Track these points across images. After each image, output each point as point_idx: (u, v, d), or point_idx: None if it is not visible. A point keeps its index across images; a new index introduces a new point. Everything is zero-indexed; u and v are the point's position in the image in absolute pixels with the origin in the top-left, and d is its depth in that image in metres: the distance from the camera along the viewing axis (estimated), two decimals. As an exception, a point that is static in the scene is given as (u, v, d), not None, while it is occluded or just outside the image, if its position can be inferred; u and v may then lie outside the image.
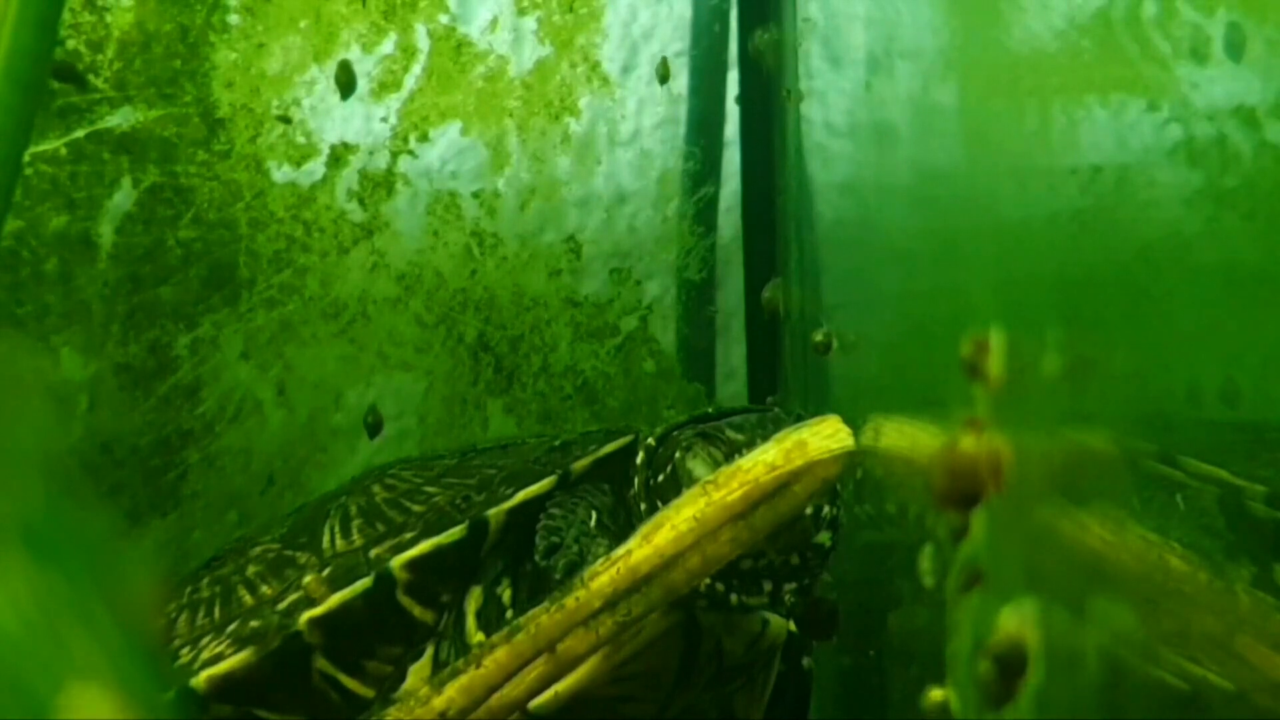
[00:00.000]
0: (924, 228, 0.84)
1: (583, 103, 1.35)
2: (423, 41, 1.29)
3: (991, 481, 0.54)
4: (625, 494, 0.93)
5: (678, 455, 0.86)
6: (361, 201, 1.28)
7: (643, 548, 0.77)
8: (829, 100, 1.20)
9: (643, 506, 0.90)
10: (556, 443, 1.00)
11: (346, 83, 1.24)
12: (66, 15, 1.17)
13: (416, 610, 0.91)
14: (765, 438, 0.78)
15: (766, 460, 0.76)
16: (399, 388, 1.32)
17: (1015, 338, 0.56)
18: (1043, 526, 0.56)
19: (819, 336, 1.15)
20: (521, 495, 0.91)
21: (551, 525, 0.88)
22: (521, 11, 1.33)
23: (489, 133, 1.32)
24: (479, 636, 0.89)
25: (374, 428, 1.28)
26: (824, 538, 0.85)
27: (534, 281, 1.36)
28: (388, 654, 0.92)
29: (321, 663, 0.90)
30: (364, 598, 0.89)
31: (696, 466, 0.85)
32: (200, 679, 0.89)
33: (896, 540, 0.91)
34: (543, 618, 0.78)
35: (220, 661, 0.89)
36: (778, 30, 1.33)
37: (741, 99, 1.40)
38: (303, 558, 0.96)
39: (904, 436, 0.72)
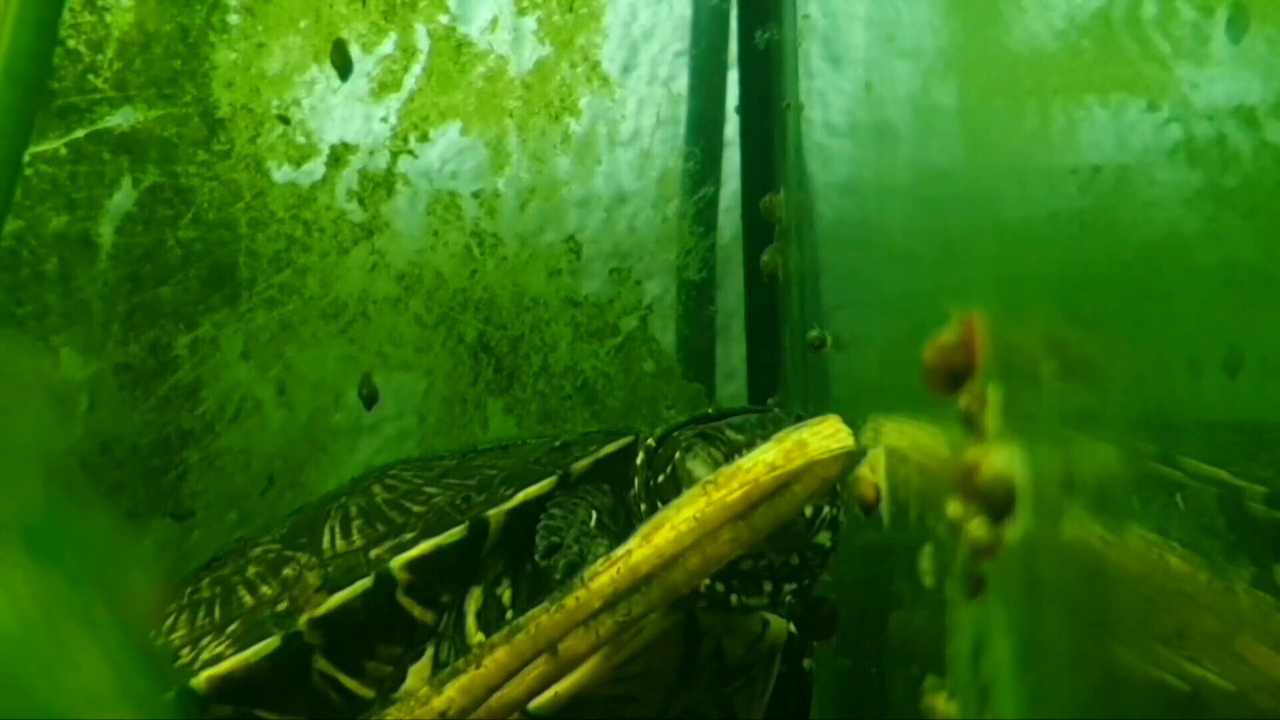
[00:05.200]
0: (924, 228, 0.84)
1: (583, 103, 1.35)
2: (423, 41, 1.29)
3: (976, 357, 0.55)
4: (625, 494, 0.93)
5: (678, 456, 0.86)
6: (361, 201, 1.28)
7: (643, 548, 0.77)
8: (829, 100, 1.20)
9: (643, 507, 0.90)
10: (557, 443, 1.00)
11: (343, 64, 1.24)
12: (66, 15, 1.17)
13: (416, 611, 0.91)
14: (765, 438, 0.78)
15: (766, 460, 0.76)
16: (399, 388, 1.32)
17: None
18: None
19: (814, 334, 1.16)
20: (522, 496, 0.91)
21: (552, 525, 0.88)
22: (521, 11, 1.33)
23: (489, 133, 1.32)
24: (479, 637, 0.89)
25: (369, 400, 1.28)
26: (824, 538, 0.85)
27: (534, 281, 1.36)
28: (388, 654, 0.92)
29: (321, 663, 0.90)
30: (364, 598, 0.89)
31: (696, 467, 0.84)
32: (200, 679, 0.89)
33: (896, 540, 0.91)
34: (543, 618, 0.78)
35: (220, 662, 0.89)
36: (778, 30, 1.33)
37: (741, 102, 1.40)
38: (303, 558, 0.96)
39: (904, 436, 0.72)
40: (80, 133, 1.18)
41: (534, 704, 0.82)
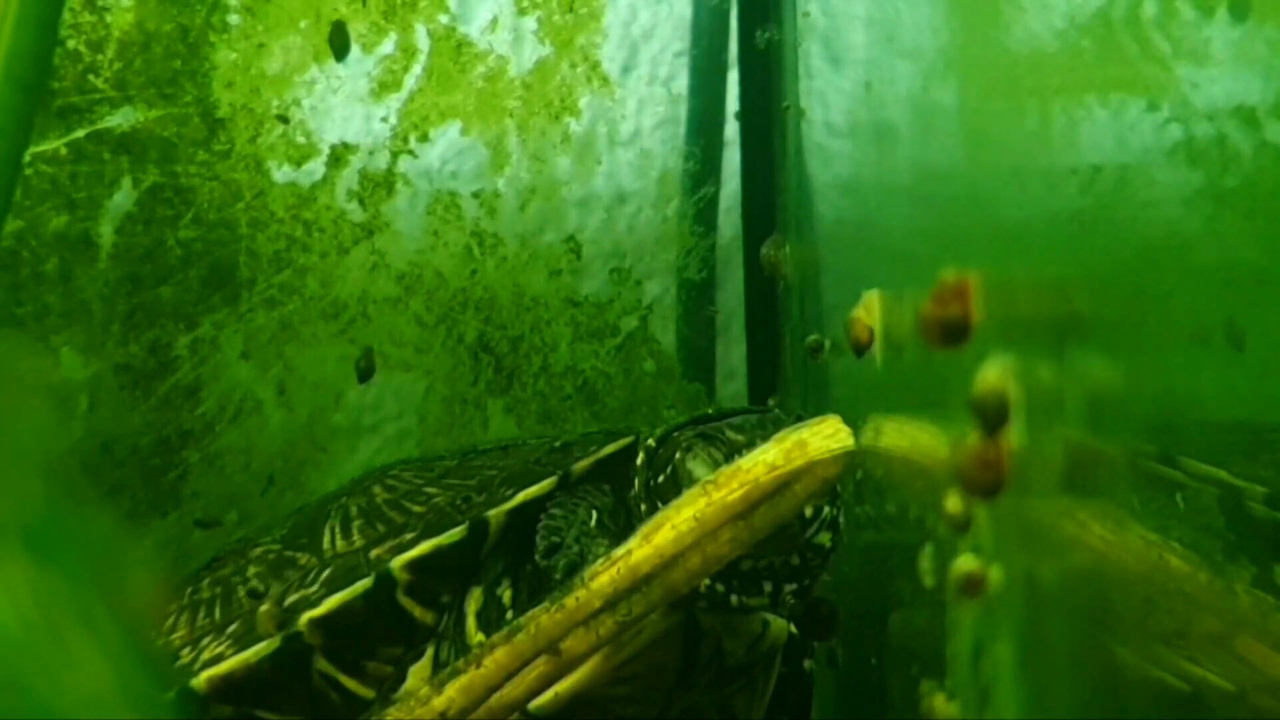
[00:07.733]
0: (924, 228, 0.84)
1: (583, 103, 1.35)
2: (423, 41, 1.29)
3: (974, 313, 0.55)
4: (625, 495, 0.93)
5: (678, 456, 0.86)
6: (361, 201, 1.28)
7: (643, 548, 0.77)
8: (829, 100, 1.20)
9: (643, 507, 0.90)
10: (557, 444, 1.00)
11: (341, 45, 1.24)
12: (66, 15, 1.17)
13: (417, 611, 0.91)
14: (765, 438, 0.78)
15: (767, 460, 0.76)
16: (399, 388, 1.32)
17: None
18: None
19: (812, 338, 1.16)
20: (522, 496, 0.91)
21: (552, 525, 0.88)
22: (521, 11, 1.33)
23: (489, 133, 1.32)
24: (479, 637, 0.89)
25: (365, 373, 1.27)
26: (824, 538, 0.84)
27: (534, 281, 1.36)
28: (388, 654, 0.92)
29: (321, 663, 0.90)
30: (364, 598, 0.89)
31: (697, 467, 0.84)
32: (200, 679, 0.89)
33: (896, 541, 0.91)
34: (543, 618, 0.78)
35: (220, 662, 0.89)
36: (778, 30, 1.33)
37: (741, 102, 1.40)
38: (303, 558, 0.96)
39: (904, 436, 0.72)
40: (80, 133, 1.18)
41: (534, 704, 0.82)
